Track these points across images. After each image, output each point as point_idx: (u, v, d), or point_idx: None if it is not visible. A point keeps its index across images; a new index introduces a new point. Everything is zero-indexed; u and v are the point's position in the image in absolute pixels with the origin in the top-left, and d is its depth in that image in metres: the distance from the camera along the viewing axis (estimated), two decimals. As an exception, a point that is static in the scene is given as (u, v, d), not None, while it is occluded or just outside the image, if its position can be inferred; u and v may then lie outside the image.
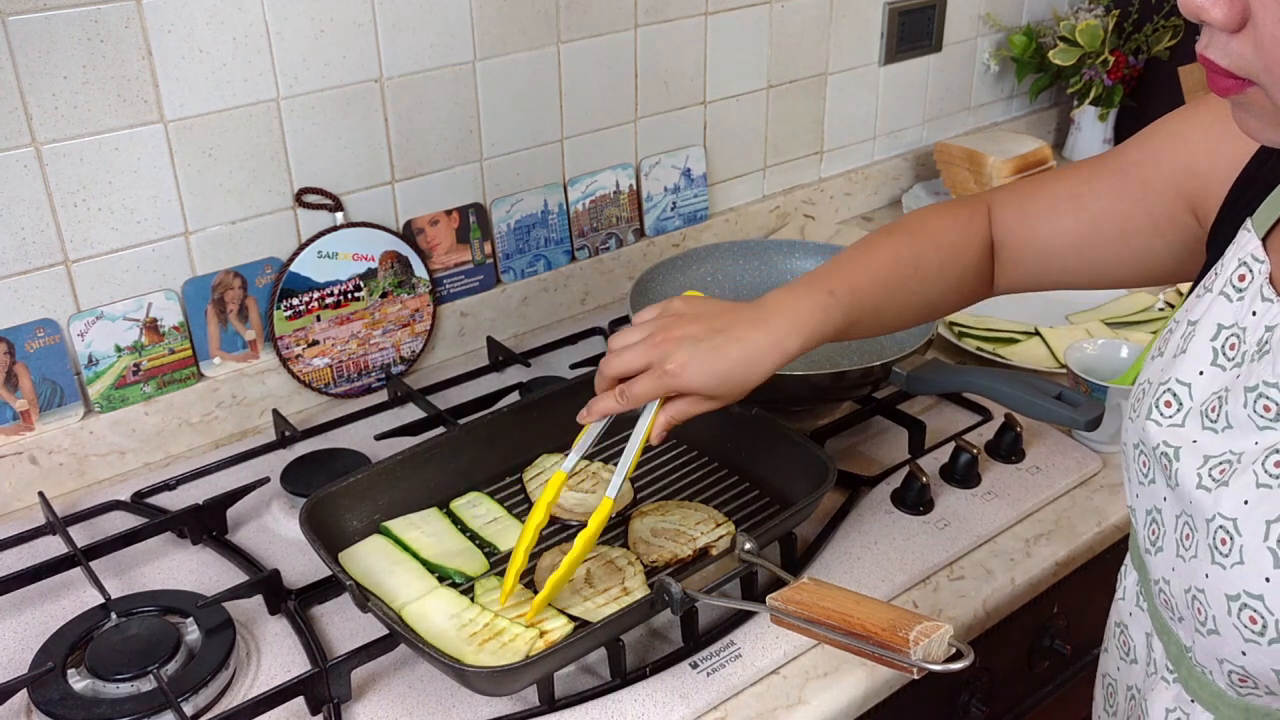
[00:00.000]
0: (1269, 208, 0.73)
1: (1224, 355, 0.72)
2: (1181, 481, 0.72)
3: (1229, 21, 0.57)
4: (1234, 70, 0.58)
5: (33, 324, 1.16)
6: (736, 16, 1.60)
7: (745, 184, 1.73)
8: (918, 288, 0.98)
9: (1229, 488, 0.68)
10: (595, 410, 0.95)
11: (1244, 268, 0.72)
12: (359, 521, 1.09)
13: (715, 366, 0.90)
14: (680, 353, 0.90)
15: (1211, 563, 0.69)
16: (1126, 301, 1.57)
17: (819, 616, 0.82)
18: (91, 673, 0.94)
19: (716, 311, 0.93)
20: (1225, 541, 0.67)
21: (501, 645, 0.93)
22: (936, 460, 1.22)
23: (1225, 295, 0.73)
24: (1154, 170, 0.86)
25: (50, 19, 1.07)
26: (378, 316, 1.38)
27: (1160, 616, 0.79)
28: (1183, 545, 0.72)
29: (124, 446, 1.25)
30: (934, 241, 0.98)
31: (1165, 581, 0.75)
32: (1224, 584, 0.68)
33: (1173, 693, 0.78)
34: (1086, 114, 2.01)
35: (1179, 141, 0.84)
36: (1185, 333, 0.76)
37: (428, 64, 1.33)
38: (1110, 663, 0.91)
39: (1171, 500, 0.74)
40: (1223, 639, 0.69)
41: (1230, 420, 0.70)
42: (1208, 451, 0.71)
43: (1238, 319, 0.72)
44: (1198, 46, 0.60)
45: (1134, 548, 0.84)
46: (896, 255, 0.97)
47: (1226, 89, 0.60)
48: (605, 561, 1.04)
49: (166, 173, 1.19)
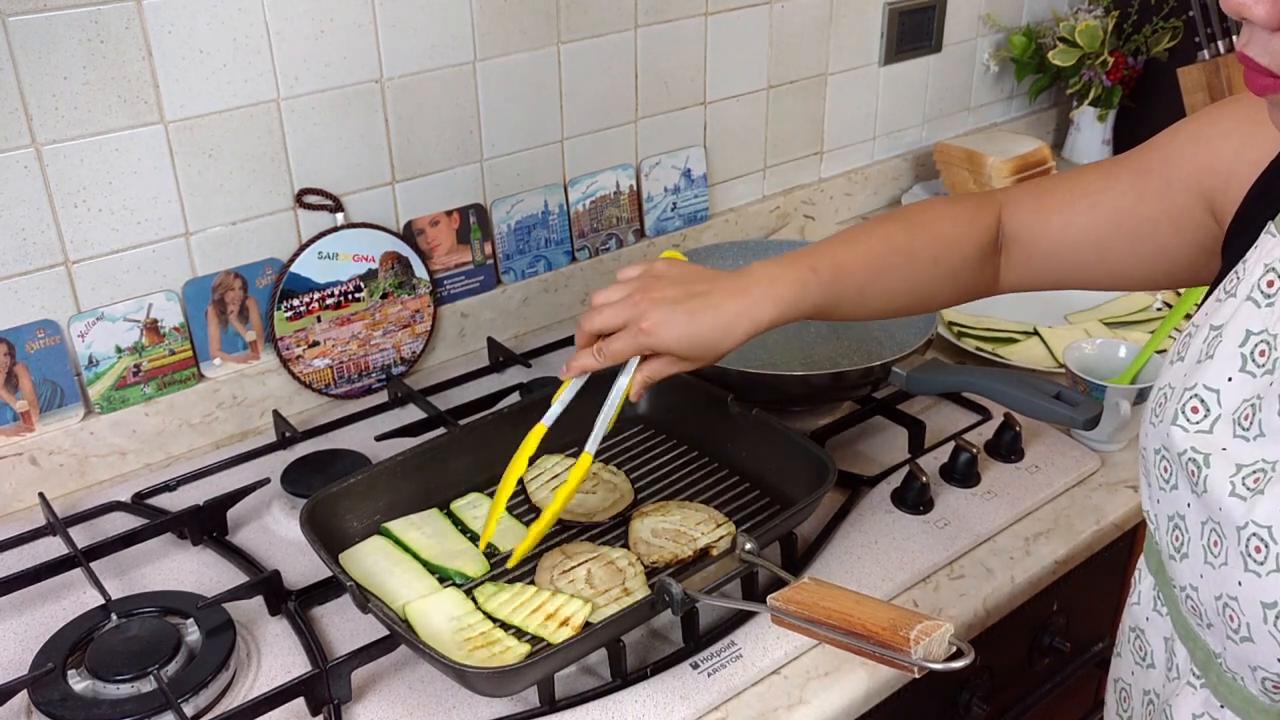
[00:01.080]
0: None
1: (1254, 361, 0.71)
2: (1211, 489, 0.71)
3: (1271, 19, 0.56)
4: (1274, 69, 0.58)
5: (33, 325, 1.16)
6: (736, 17, 1.60)
7: (745, 184, 1.74)
8: (908, 275, 0.98)
9: (1265, 496, 0.67)
10: (574, 367, 0.98)
11: (1272, 273, 0.71)
12: (359, 522, 1.09)
13: (689, 329, 0.92)
14: (656, 312, 0.92)
15: (1245, 570, 0.68)
16: (1124, 301, 1.57)
17: (820, 616, 0.82)
18: (92, 674, 0.94)
19: (697, 276, 0.95)
20: (1260, 549, 0.67)
21: (492, 655, 0.93)
22: (936, 460, 1.22)
23: (1253, 301, 0.72)
24: (1175, 169, 0.86)
25: (50, 19, 1.07)
26: (378, 317, 1.38)
27: (1185, 622, 0.78)
28: (1210, 552, 0.71)
29: (124, 447, 1.25)
30: (932, 232, 0.98)
31: (1192, 588, 0.74)
32: (1259, 592, 0.67)
33: (1200, 698, 0.77)
34: (1086, 115, 2.01)
35: (1201, 142, 0.84)
36: (1208, 338, 0.75)
37: (428, 64, 1.33)
38: (1124, 667, 0.90)
39: (1196, 507, 0.73)
40: (1258, 646, 0.68)
41: (1263, 428, 0.69)
42: (1239, 459, 0.70)
43: (1267, 325, 0.71)
44: (1238, 44, 0.60)
45: (1151, 553, 0.83)
46: (890, 241, 0.98)
47: (1265, 87, 0.60)
48: (606, 562, 1.04)
49: (167, 173, 1.19)
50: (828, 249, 0.97)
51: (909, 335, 1.35)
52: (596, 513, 1.12)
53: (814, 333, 1.44)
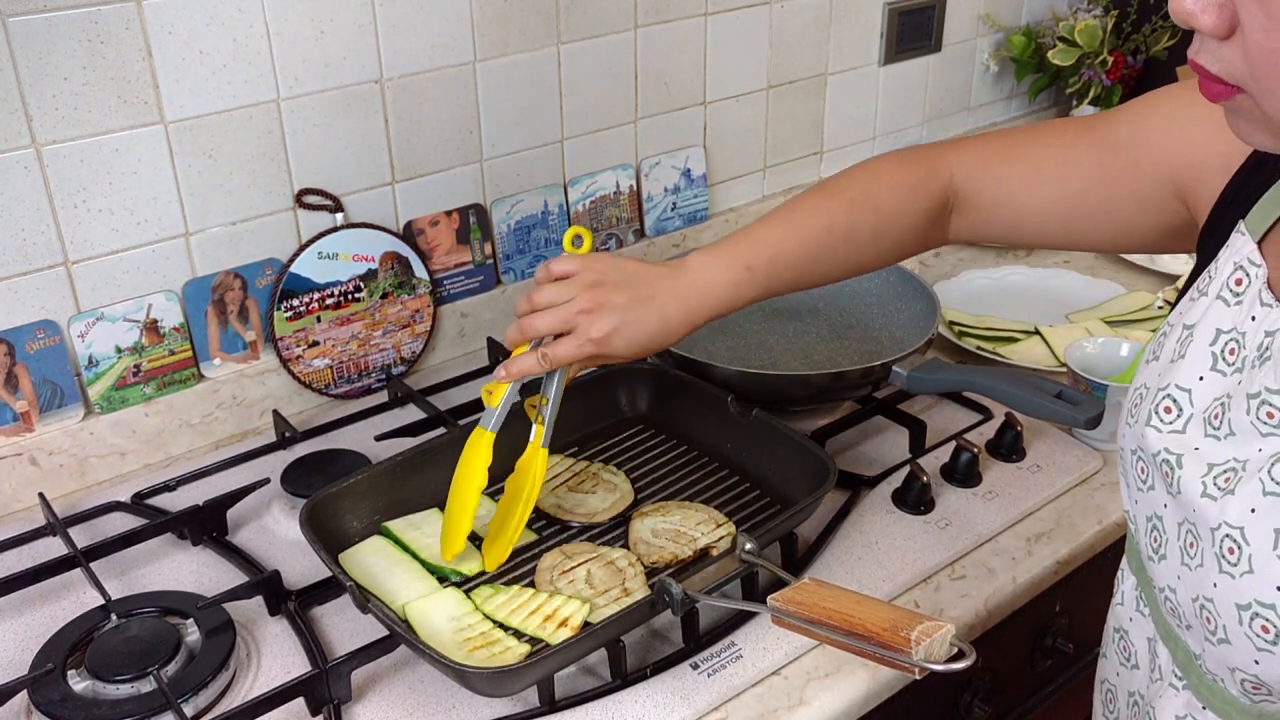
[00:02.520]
0: (1263, 210, 0.72)
1: (1224, 360, 0.71)
2: (1184, 489, 0.71)
3: (1218, 29, 0.57)
4: (1223, 76, 0.59)
5: (33, 325, 1.16)
6: (736, 17, 1.60)
7: (745, 184, 1.73)
8: (847, 254, 1.00)
9: (1235, 496, 0.67)
10: (514, 370, 0.99)
11: (1240, 271, 0.71)
12: (359, 522, 1.09)
13: (636, 337, 0.95)
14: (605, 321, 0.94)
15: (1220, 572, 0.68)
16: (1126, 300, 1.57)
17: (820, 617, 0.82)
18: (92, 674, 0.94)
19: (638, 278, 0.97)
20: (1233, 550, 0.67)
21: (492, 655, 0.93)
22: (937, 459, 1.22)
23: (1222, 300, 0.72)
24: (1145, 152, 0.85)
25: (50, 20, 1.07)
26: (378, 317, 1.38)
27: (1165, 623, 0.78)
28: (1187, 553, 0.71)
29: (124, 447, 1.25)
30: (873, 207, 0.98)
31: (1171, 590, 0.74)
32: (1234, 593, 0.67)
33: (1183, 699, 0.77)
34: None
35: (1174, 129, 0.83)
36: (1181, 337, 0.75)
37: (428, 65, 1.33)
38: (1109, 668, 0.90)
39: (1173, 507, 0.73)
40: (1234, 648, 0.68)
41: (1233, 427, 0.69)
42: (1211, 459, 0.70)
43: (1237, 324, 0.71)
44: (1189, 52, 0.60)
45: (1133, 553, 0.83)
46: (829, 224, 0.98)
47: (1217, 94, 0.60)
48: (606, 562, 1.04)
49: (167, 174, 1.19)
50: (765, 236, 0.98)
51: (909, 335, 1.35)
52: (596, 513, 1.12)
53: (814, 333, 1.44)
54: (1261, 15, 0.55)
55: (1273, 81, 0.56)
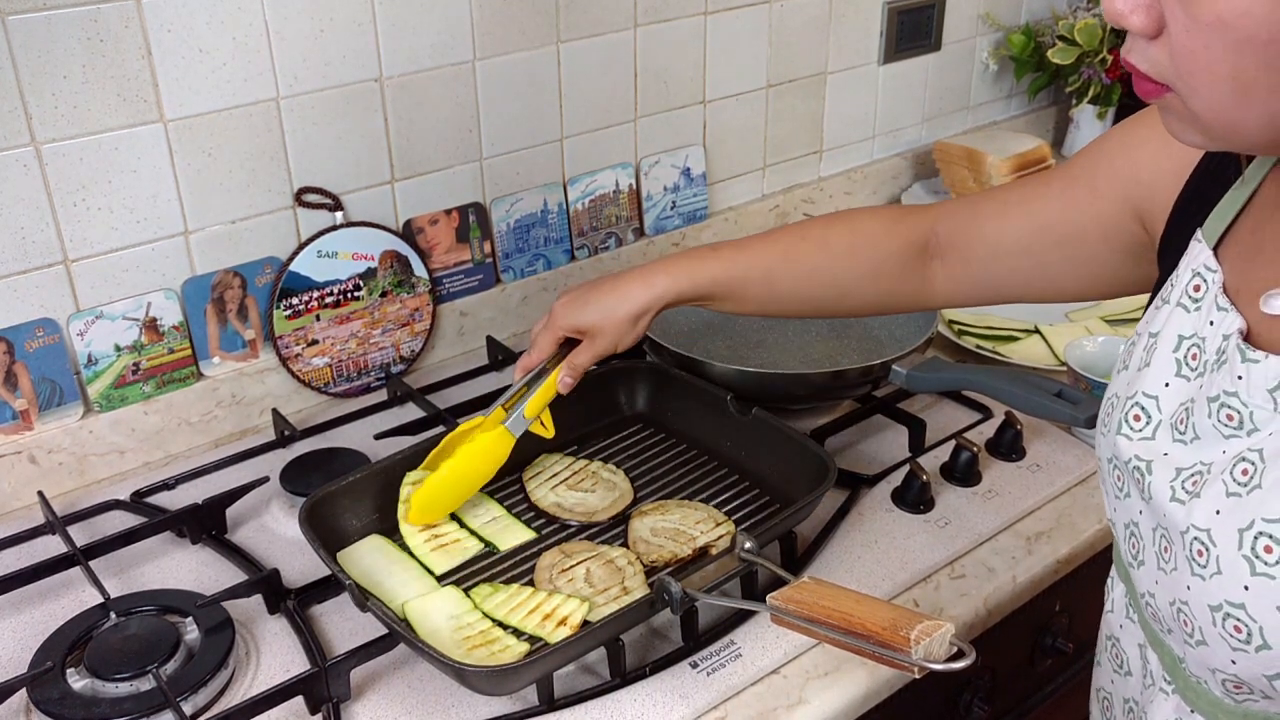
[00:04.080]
0: (1217, 218, 0.74)
1: (1187, 366, 0.73)
2: (1155, 495, 0.72)
3: (1146, 28, 0.60)
4: (1152, 75, 0.62)
5: (32, 323, 1.16)
6: (736, 16, 1.60)
7: (745, 183, 1.73)
8: (820, 263, 1.02)
9: (1201, 499, 0.68)
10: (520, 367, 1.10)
11: (1198, 278, 0.73)
12: (358, 521, 1.09)
13: (587, 302, 1.04)
14: (559, 302, 1.07)
15: (1191, 574, 0.69)
16: (1126, 299, 1.57)
17: (819, 616, 0.82)
18: (91, 672, 0.94)
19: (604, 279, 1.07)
20: (1202, 553, 0.68)
21: (491, 654, 0.93)
22: (937, 458, 1.22)
23: (1183, 306, 0.74)
24: (1100, 176, 0.87)
25: (50, 19, 1.07)
26: (377, 316, 1.38)
27: (1151, 628, 0.79)
28: (1162, 558, 0.72)
29: (123, 446, 1.25)
30: (849, 225, 1.03)
31: (1150, 595, 0.75)
32: (1205, 595, 0.68)
33: (1173, 703, 0.78)
34: (1085, 112, 2.01)
35: (1126, 150, 0.86)
36: (1147, 345, 0.76)
37: (428, 64, 1.33)
38: (1104, 676, 0.90)
39: (1147, 514, 0.74)
40: (1211, 649, 0.69)
41: (1197, 431, 0.70)
42: (1179, 464, 0.71)
43: (1196, 329, 0.72)
44: (1122, 51, 0.64)
45: (1118, 560, 0.84)
46: (803, 230, 1.04)
47: (1148, 92, 0.63)
48: (605, 561, 1.04)
49: (166, 172, 1.19)
50: (739, 239, 1.05)
51: (909, 333, 1.35)
52: (596, 512, 1.12)
53: (814, 331, 1.44)
54: (1184, 16, 0.58)
55: (1196, 80, 0.59)
